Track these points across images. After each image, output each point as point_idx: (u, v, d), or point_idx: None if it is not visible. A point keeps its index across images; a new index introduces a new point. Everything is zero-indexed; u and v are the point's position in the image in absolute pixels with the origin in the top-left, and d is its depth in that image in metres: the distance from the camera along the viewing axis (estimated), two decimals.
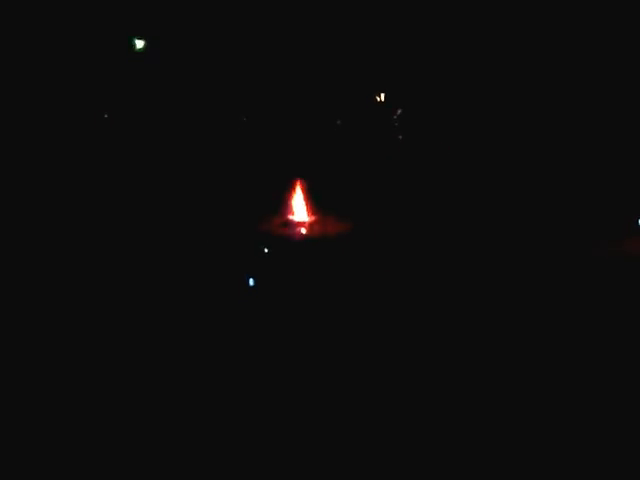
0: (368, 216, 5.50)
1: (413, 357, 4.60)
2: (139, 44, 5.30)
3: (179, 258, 5.14)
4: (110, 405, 4.13)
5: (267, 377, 4.46)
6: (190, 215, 5.23)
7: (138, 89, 5.25)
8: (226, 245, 5.27)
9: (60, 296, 4.73)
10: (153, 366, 4.53)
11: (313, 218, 5.50)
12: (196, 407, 4.18)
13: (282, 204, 5.46)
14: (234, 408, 4.17)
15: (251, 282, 5.18)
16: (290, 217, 5.50)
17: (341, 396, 4.28)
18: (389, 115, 5.70)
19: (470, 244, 5.32)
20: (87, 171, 5.10)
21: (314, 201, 5.48)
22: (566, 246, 5.25)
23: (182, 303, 4.95)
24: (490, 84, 5.53)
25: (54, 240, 4.88)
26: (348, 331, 4.86)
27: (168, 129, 5.29)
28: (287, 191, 5.48)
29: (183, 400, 4.24)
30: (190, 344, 4.69)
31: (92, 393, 4.19)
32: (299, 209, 5.49)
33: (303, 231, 5.47)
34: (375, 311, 4.98)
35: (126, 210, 5.18)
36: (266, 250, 5.35)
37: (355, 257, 5.34)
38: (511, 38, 5.45)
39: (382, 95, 5.70)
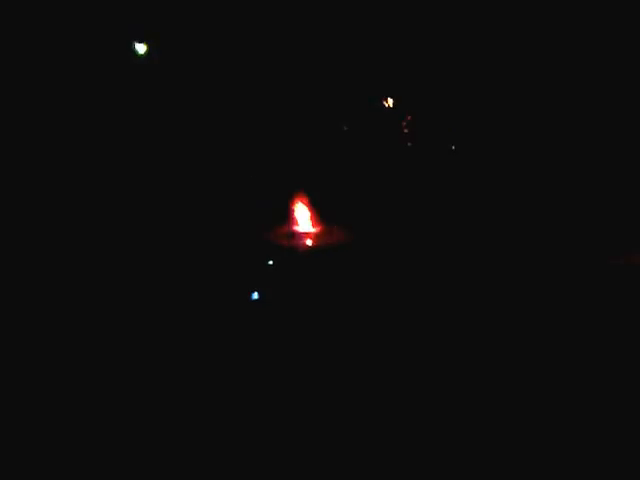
0: (373, 227, 5.41)
1: (417, 372, 4.55)
2: (141, 49, 5.15)
3: (182, 269, 5.05)
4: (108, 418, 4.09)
5: (270, 389, 4.41)
6: (193, 226, 5.14)
7: (140, 96, 5.12)
8: (230, 256, 5.19)
9: (59, 305, 4.67)
10: (153, 381, 4.47)
11: (318, 229, 5.39)
12: (196, 420, 4.13)
13: (287, 215, 5.36)
14: (235, 420, 4.13)
15: (255, 296, 5.09)
16: (295, 228, 5.39)
17: (345, 409, 4.23)
18: (398, 122, 5.56)
19: (477, 257, 5.24)
20: (88, 182, 4.99)
21: (319, 212, 5.38)
22: (571, 258, 5.18)
23: (184, 316, 4.88)
24: (503, 93, 5.39)
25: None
26: (353, 342, 4.80)
27: (170, 137, 5.16)
28: (292, 202, 5.37)
29: (183, 415, 4.19)
30: (192, 356, 4.63)
31: (91, 404, 4.16)
32: (304, 220, 5.38)
33: (308, 242, 5.37)
34: (380, 322, 4.92)
35: (129, 222, 5.09)
36: (271, 262, 5.26)
37: (360, 268, 5.26)
38: (522, 47, 5.30)
39: (390, 101, 5.55)
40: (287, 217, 5.36)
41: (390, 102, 5.55)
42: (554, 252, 5.21)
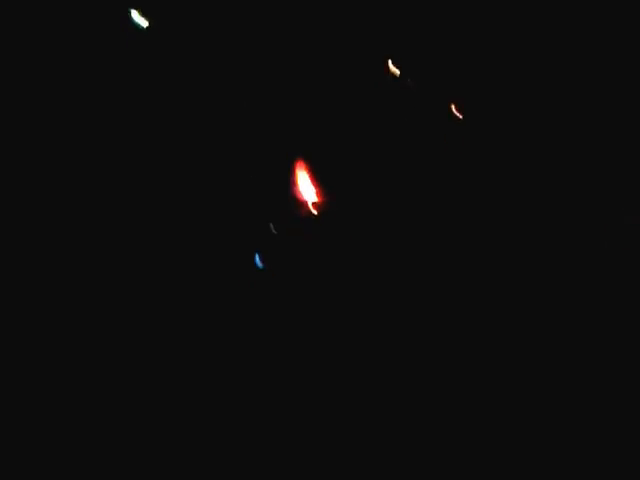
0: (378, 194, 5.37)
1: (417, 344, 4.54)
2: (142, 23, 5.14)
3: (183, 241, 5.07)
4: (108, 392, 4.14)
5: (270, 364, 4.44)
6: (193, 197, 5.14)
7: (139, 71, 5.12)
8: (232, 227, 5.19)
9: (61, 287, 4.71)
10: (155, 346, 4.52)
11: (321, 197, 5.37)
12: (197, 393, 4.17)
13: (289, 183, 5.34)
14: (235, 395, 4.16)
15: (259, 264, 5.11)
16: (297, 196, 5.37)
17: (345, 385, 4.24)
18: (399, 86, 5.49)
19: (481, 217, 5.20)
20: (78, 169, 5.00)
21: (321, 180, 5.35)
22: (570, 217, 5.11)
23: (187, 286, 4.92)
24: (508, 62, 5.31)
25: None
26: (354, 315, 4.80)
27: (170, 110, 5.16)
28: (293, 170, 5.35)
29: (184, 383, 4.23)
30: (195, 326, 4.67)
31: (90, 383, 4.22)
32: (306, 188, 5.36)
33: (311, 211, 5.35)
34: (384, 295, 4.91)
35: (129, 187, 5.08)
36: (274, 231, 5.26)
37: (364, 236, 5.24)
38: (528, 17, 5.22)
39: (392, 67, 5.48)
40: (289, 186, 5.35)
41: (393, 68, 5.48)
42: (552, 214, 5.13)
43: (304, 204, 5.34)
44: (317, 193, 5.35)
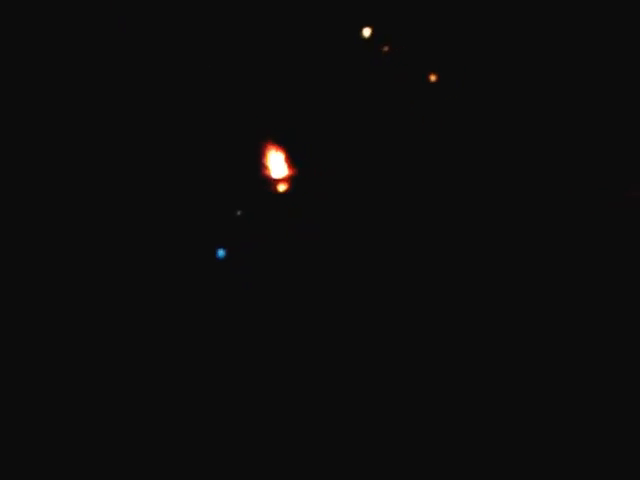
0: (353, 167, 5.10)
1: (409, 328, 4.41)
2: None
3: (150, 229, 4.77)
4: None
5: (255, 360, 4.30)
6: (161, 181, 4.80)
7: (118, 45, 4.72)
8: (198, 211, 4.88)
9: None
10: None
11: (292, 171, 5.05)
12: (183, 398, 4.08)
13: (258, 160, 5.02)
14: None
15: (221, 253, 4.78)
16: (267, 173, 5.05)
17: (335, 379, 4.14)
18: (376, 54, 5.17)
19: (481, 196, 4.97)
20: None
21: (293, 154, 5.04)
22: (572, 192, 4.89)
23: (158, 275, 4.66)
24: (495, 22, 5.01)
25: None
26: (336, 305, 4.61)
27: (151, 88, 4.78)
28: (262, 145, 5.02)
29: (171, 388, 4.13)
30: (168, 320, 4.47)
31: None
32: (276, 164, 5.03)
33: (282, 187, 5.04)
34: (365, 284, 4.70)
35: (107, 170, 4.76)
36: (239, 212, 4.93)
37: (341, 213, 4.99)
38: None
39: (368, 30, 5.15)
40: (258, 162, 5.02)
41: (367, 32, 5.16)
42: (552, 186, 4.94)
43: (274, 181, 5.02)
44: (289, 167, 5.04)
